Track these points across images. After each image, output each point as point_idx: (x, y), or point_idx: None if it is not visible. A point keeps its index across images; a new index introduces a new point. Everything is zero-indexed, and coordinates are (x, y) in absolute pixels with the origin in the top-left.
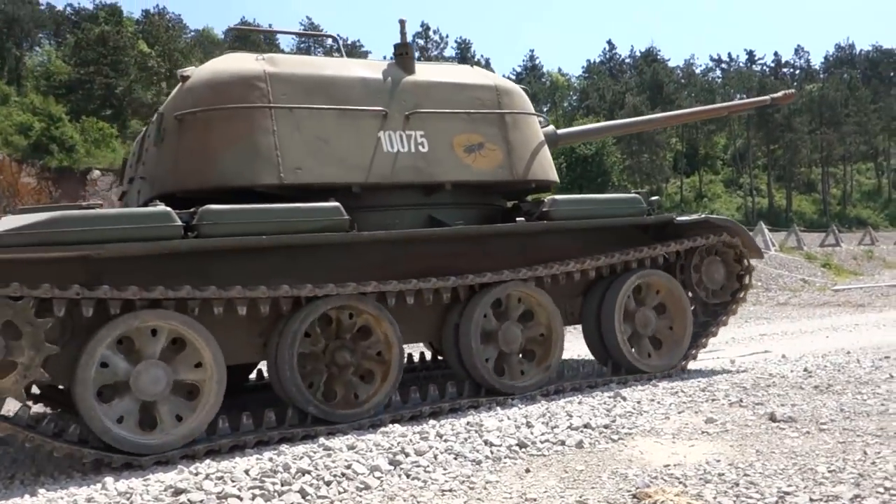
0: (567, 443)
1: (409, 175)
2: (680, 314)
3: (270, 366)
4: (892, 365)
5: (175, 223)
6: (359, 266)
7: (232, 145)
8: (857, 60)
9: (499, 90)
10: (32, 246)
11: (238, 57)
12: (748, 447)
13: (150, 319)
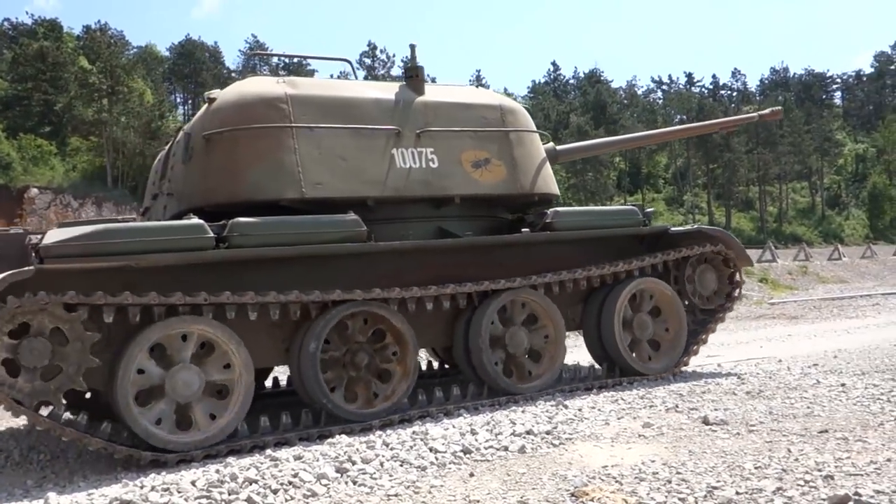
0: (510, 448)
1: (420, 189)
2: (675, 319)
3: (293, 369)
4: (819, 372)
5: (208, 235)
6: (374, 274)
7: (257, 162)
8: (791, 83)
9: (503, 109)
10: (81, 256)
11: (260, 80)
12: (682, 448)
13: (186, 325)
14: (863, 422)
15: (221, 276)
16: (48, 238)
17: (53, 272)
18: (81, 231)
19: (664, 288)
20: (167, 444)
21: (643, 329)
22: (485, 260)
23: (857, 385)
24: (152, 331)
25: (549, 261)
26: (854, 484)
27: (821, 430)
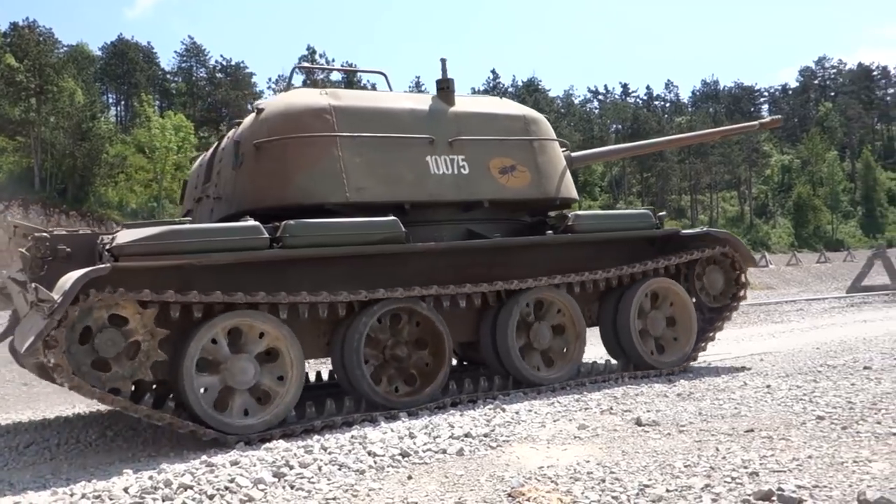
0: (448, 451)
1: (452, 193)
2: (685, 317)
3: (336, 361)
4: (746, 374)
5: (263, 236)
6: (410, 273)
7: (305, 168)
8: (722, 96)
9: (526, 119)
10: (151, 255)
11: (305, 92)
12: (615, 449)
13: (242, 320)
14: (786, 421)
15: (273, 274)
16: (120, 238)
17: (127, 269)
18: (151, 231)
19: (676, 287)
20: (224, 427)
21: (656, 326)
22: (510, 260)
23: (781, 387)
24: (211, 326)
25: (570, 261)
26: (777, 480)
27: (747, 430)
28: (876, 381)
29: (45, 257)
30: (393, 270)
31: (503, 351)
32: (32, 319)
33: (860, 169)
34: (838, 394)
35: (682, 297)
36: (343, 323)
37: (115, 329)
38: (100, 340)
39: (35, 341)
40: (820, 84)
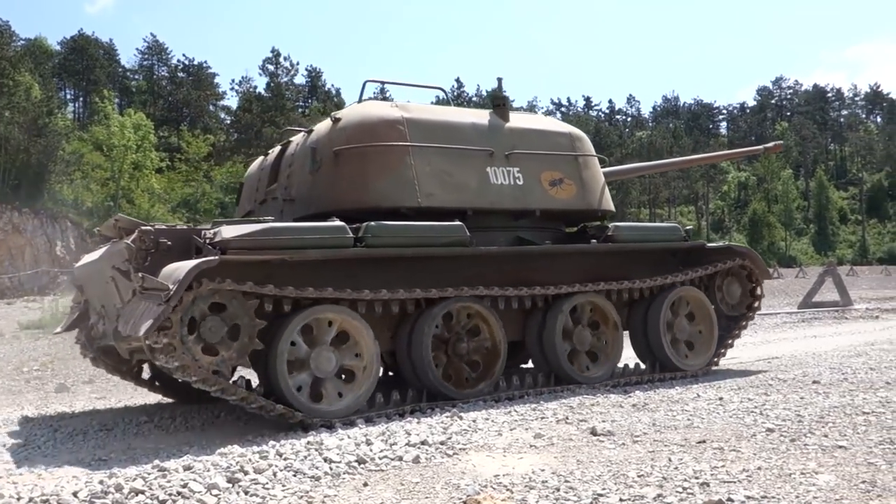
0: (405, 458)
1: (508, 202)
2: (708, 323)
3: (401, 353)
4: (700, 385)
5: (348, 235)
6: (471, 274)
7: (382, 175)
8: (681, 112)
9: (572, 136)
10: (253, 249)
11: (377, 104)
12: (570, 458)
13: (328, 314)
14: (737, 433)
15: (351, 271)
16: (226, 233)
17: (231, 262)
18: (253, 228)
19: (701, 296)
20: (311, 412)
21: (682, 331)
22: (554, 265)
23: (733, 399)
24: (299, 318)
25: (608, 269)
26: (727, 490)
27: (699, 441)
28: (824, 396)
29: (148, 249)
30: (457, 271)
31: (549, 351)
32: (141, 306)
33: (814, 188)
34: (788, 407)
35: (707, 305)
36: (409, 318)
37: (217, 317)
38: (205, 327)
39: (153, 324)
40: (777, 104)
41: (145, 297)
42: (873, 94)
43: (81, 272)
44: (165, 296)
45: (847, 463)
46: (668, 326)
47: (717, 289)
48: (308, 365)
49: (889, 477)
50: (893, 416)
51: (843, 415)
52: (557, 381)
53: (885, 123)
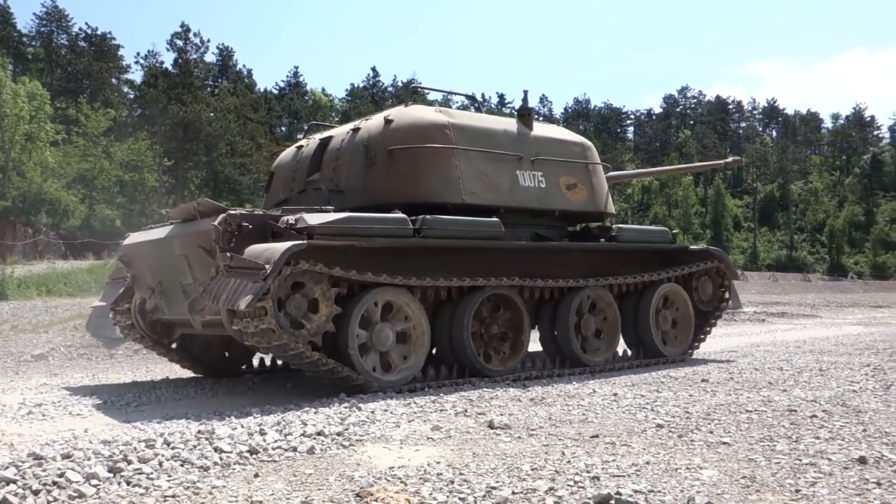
0: (299, 449)
1: (533, 203)
2: (687, 316)
3: (443, 333)
4: (596, 381)
5: (408, 226)
6: (503, 266)
7: (433, 173)
8: (592, 115)
9: (584, 146)
10: (336, 235)
11: (424, 108)
12: (466, 451)
13: (387, 295)
14: (629, 428)
15: (406, 258)
16: (311, 220)
17: (316, 247)
18: (336, 216)
19: (682, 292)
20: (374, 381)
21: (665, 322)
22: (567, 261)
23: (627, 395)
24: (367, 298)
25: (608, 265)
26: (616, 484)
27: (592, 435)
28: (711, 393)
29: (233, 232)
30: (492, 262)
31: (562, 337)
32: (233, 282)
33: (711, 195)
34: (677, 403)
35: (687, 300)
36: (450, 302)
37: (299, 294)
38: (290, 304)
39: (253, 299)
40: (681, 112)
41: (236, 275)
42: (770, 109)
43: (133, 249)
44: (263, 274)
45: (729, 459)
46: (655, 318)
47: (694, 286)
48: (372, 346)
49: (767, 473)
50: (774, 415)
51: (728, 412)
52: (569, 364)
53: (780, 137)
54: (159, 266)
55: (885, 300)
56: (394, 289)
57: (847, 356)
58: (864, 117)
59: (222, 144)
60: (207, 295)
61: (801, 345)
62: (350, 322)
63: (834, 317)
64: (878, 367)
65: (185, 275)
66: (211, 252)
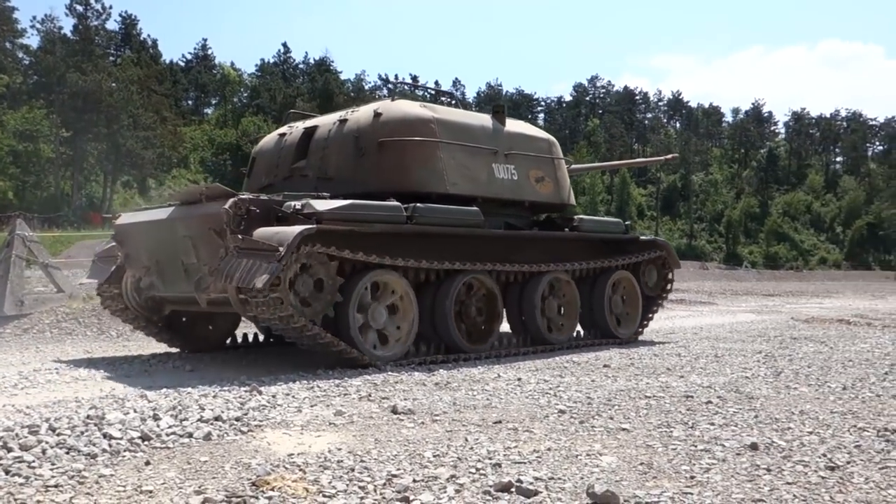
0: (195, 435)
1: (507, 194)
2: (635, 301)
3: (425, 313)
4: (500, 366)
5: (402, 213)
6: (481, 251)
7: (420, 165)
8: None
9: (549, 142)
10: (342, 221)
11: (410, 103)
12: (369, 437)
13: (382, 277)
14: (531, 414)
15: (397, 242)
16: (318, 206)
17: (324, 231)
18: (341, 203)
19: (632, 278)
20: (371, 356)
21: (617, 306)
22: (534, 247)
23: (531, 380)
24: (365, 279)
25: (569, 252)
26: (518, 471)
27: (496, 421)
28: (612, 379)
29: (242, 216)
30: (471, 248)
31: (528, 317)
32: (245, 263)
33: (617, 183)
34: (580, 389)
35: (636, 286)
36: (432, 284)
37: (307, 275)
38: (299, 283)
39: (269, 279)
40: (590, 101)
41: (248, 255)
42: (675, 101)
43: (128, 229)
44: (278, 255)
45: (628, 445)
46: (609, 302)
47: (641, 273)
48: (370, 326)
49: (664, 459)
50: (671, 401)
51: (629, 398)
52: (533, 342)
53: (683, 129)
54: (158, 246)
55: (776, 289)
56: (386, 271)
57: (741, 343)
58: (762, 113)
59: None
60: (218, 274)
61: (697, 331)
62: (351, 302)
63: (729, 304)
64: (770, 354)
65: (188, 255)
66: (221, 234)
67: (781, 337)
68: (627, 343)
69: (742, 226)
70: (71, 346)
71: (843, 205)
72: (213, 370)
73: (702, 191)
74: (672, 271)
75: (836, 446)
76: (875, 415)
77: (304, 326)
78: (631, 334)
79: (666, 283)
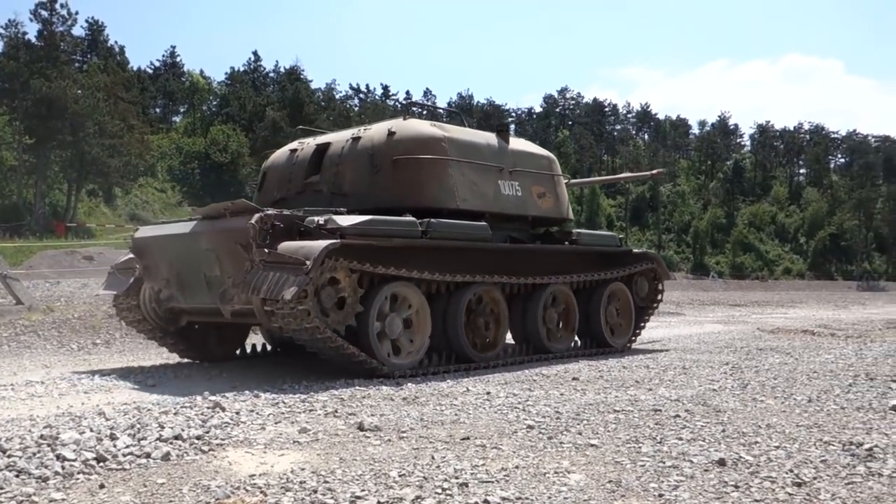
0: (153, 455)
1: (512, 209)
2: (628, 311)
3: (437, 324)
4: (470, 379)
5: (417, 228)
6: (488, 264)
7: (434, 182)
8: (475, 110)
9: (549, 159)
10: (363, 235)
11: (422, 122)
12: (333, 455)
13: (399, 289)
14: (500, 429)
15: (412, 256)
16: (341, 221)
17: (347, 245)
18: (362, 218)
19: (626, 289)
20: (389, 365)
21: (612, 316)
22: (535, 260)
23: (500, 394)
24: (384, 290)
25: (568, 264)
26: (485, 491)
27: (463, 437)
28: (581, 392)
29: (267, 231)
30: (479, 261)
31: (531, 327)
32: (272, 276)
33: (587, 194)
34: (548, 403)
35: (629, 297)
36: (443, 295)
37: (331, 287)
38: (324, 295)
39: (297, 291)
40: (560, 112)
41: (274, 268)
42: (643, 113)
43: (147, 242)
44: (305, 268)
45: (597, 462)
46: (605, 312)
47: (634, 284)
48: (386, 335)
49: (633, 476)
50: (640, 415)
51: (597, 412)
52: (535, 351)
53: (651, 140)
54: (179, 258)
55: (742, 299)
56: (402, 283)
57: (708, 354)
58: (728, 125)
59: (90, 124)
60: (245, 286)
61: (665, 343)
62: (370, 313)
63: (697, 315)
64: (736, 366)
65: (211, 268)
66: (247, 247)
67: (748, 348)
68: (621, 352)
69: (709, 236)
70: (29, 359)
71: (807, 216)
72: (177, 385)
73: (670, 202)
74: (662, 282)
75: (803, 461)
76: (840, 428)
77: (328, 337)
78: (624, 343)
79: (656, 293)
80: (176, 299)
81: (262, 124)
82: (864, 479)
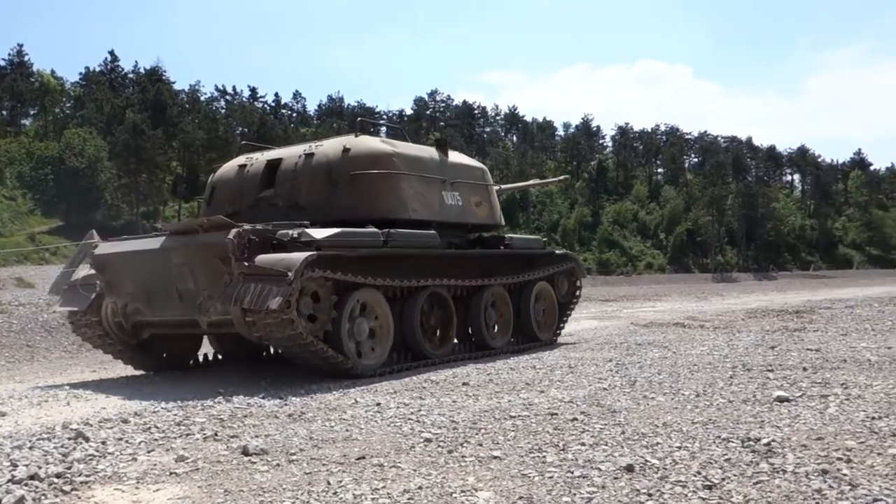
0: (5, 502)
1: (454, 217)
2: (552, 308)
3: (396, 323)
4: (357, 391)
5: (380, 238)
6: (438, 269)
7: (388, 194)
8: (345, 113)
9: (483, 170)
10: (336, 247)
11: (373, 139)
12: (217, 487)
13: (365, 294)
14: (396, 445)
15: (375, 265)
16: (315, 234)
17: (322, 256)
18: (334, 231)
19: (550, 288)
20: (357, 363)
21: (538, 313)
22: (473, 264)
23: (390, 404)
24: (354, 296)
25: (501, 267)
26: None
27: (359, 457)
28: (474, 398)
29: (245, 245)
30: (430, 266)
31: (474, 325)
32: (254, 287)
33: None
34: (442, 412)
35: (553, 295)
36: (397, 300)
37: (307, 297)
38: (301, 304)
39: (282, 301)
40: (431, 115)
41: (256, 281)
42: (511, 116)
43: (110, 258)
44: (288, 279)
45: (503, 476)
46: (533, 309)
47: (556, 283)
48: (352, 334)
49: (543, 490)
50: (537, 420)
51: (494, 419)
52: (478, 348)
53: (520, 142)
54: (146, 273)
55: (610, 294)
56: (368, 289)
57: (590, 351)
58: (591, 127)
59: None
60: (225, 298)
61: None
62: (343, 318)
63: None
64: (620, 363)
65: (184, 281)
66: (225, 261)
67: (627, 343)
68: (549, 344)
69: (577, 234)
70: None
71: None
72: (27, 411)
73: (539, 202)
74: (580, 280)
75: (707, 461)
76: (734, 423)
77: (309, 342)
78: (550, 337)
79: (575, 290)
80: (142, 313)
81: (122, 127)
82: (770, 476)
